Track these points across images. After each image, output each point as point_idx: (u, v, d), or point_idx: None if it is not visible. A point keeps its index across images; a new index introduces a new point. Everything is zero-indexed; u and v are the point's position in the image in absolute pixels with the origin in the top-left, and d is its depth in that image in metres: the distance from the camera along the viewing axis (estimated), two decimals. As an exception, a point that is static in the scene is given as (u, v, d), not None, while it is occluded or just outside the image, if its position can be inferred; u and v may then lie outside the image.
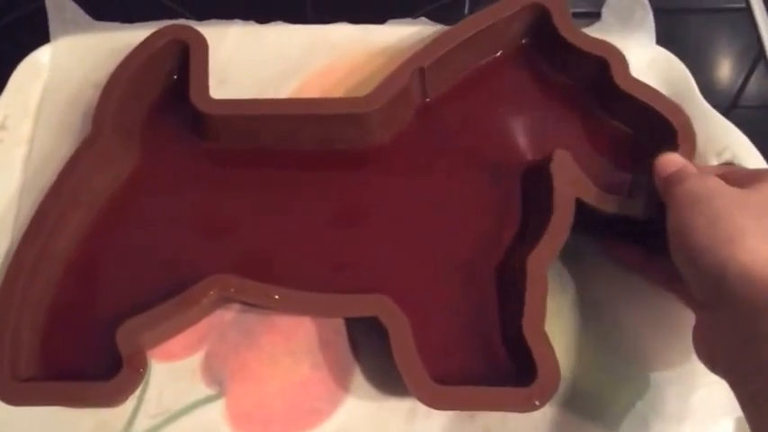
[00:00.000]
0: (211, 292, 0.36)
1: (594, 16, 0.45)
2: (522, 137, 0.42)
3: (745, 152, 0.41)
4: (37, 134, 0.43)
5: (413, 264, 0.39)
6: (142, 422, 0.37)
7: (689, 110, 0.40)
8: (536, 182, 0.39)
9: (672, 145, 0.38)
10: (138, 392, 0.37)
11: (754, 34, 0.49)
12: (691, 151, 0.39)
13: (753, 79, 0.48)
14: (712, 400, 0.37)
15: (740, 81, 0.48)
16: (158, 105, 0.42)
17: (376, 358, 0.38)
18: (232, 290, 0.37)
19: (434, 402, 0.35)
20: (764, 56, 0.48)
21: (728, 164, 0.41)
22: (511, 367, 0.36)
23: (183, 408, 0.38)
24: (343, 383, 0.38)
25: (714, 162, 0.41)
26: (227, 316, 0.39)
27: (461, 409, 0.36)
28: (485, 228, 0.40)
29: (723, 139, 0.41)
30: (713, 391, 0.38)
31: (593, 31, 0.43)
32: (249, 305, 0.39)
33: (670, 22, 0.48)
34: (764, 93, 0.48)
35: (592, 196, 0.37)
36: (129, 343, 0.36)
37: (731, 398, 0.36)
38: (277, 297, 0.37)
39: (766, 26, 0.49)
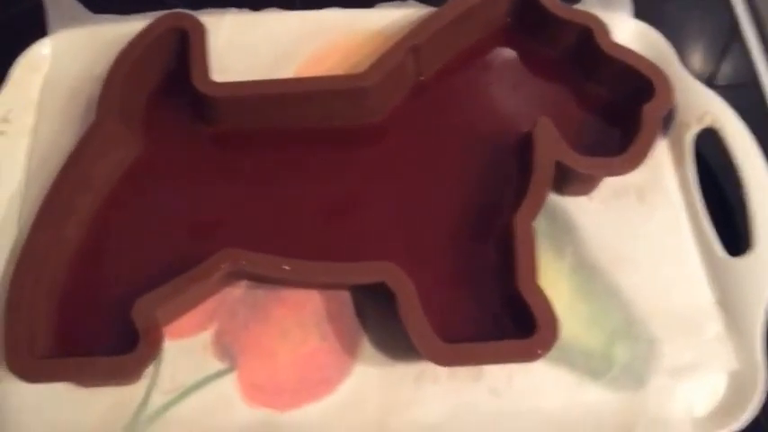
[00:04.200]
0: (223, 265, 0.37)
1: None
2: (513, 109, 0.43)
3: (725, 117, 0.43)
4: (40, 126, 0.44)
5: (414, 233, 0.40)
6: (157, 399, 0.38)
7: (669, 78, 0.42)
8: (526, 149, 0.40)
9: (652, 99, 0.40)
10: (151, 370, 0.38)
11: (727, 14, 0.51)
12: (668, 104, 0.41)
13: (727, 59, 0.50)
14: (708, 356, 0.39)
15: (715, 61, 0.49)
16: (159, 92, 0.43)
17: (382, 327, 0.39)
18: (243, 262, 0.38)
19: (442, 360, 0.36)
20: (740, 32, 0.50)
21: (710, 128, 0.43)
22: (513, 325, 0.38)
23: (197, 382, 0.38)
24: (351, 352, 0.39)
25: (696, 127, 0.43)
26: (235, 293, 0.40)
27: (469, 365, 0.37)
28: (483, 196, 0.41)
29: (703, 105, 0.43)
30: (709, 348, 0.39)
31: (576, 10, 0.44)
32: (257, 281, 0.40)
33: (647, 3, 0.49)
34: (739, 72, 0.49)
35: (569, 158, 0.39)
36: (145, 317, 0.36)
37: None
38: (287, 267, 0.38)
39: (742, 4, 0.51)
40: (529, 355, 0.36)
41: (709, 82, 0.48)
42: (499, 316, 0.38)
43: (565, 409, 0.38)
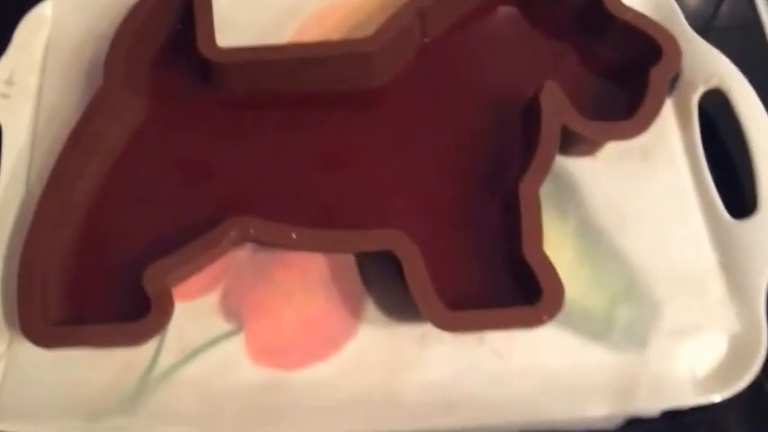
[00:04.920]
0: (232, 233, 0.38)
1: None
2: (518, 71, 0.43)
3: (732, 79, 0.42)
4: (44, 87, 0.44)
5: (419, 197, 0.40)
6: (165, 359, 0.38)
7: (677, 39, 0.41)
8: (531, 113, 0.40)
9: (659, 62, 0.40)
10: (159, 332, 0.39)
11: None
12: (676, 65, 0.41)
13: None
14: (711, 318, 0.39)
15: (714, 3, 0.49)
16: (165, 55, 0.43)
17: (386, 288, 0.39)
18: (251, 230, 0.38)
19: (449, 326, 0.36)
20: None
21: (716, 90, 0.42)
22: (518, 291, 0.38)
23: (204, 343, 0.39)
24: (355, 313, 0.39)
25: (702, 88, 0.42)
26: (241, 255, 0.40)
27: (474, 331, 0.38)
28: (488, 160, 0.41)
29: (710, 66, 0.42)
30: (712, 310, 0.39)
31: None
32: (263, 245, 0.40)
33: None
34: (738, 13, 0.49)
35: (577, 123, 0.39)
36: (156, 284, 0.37)
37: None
38: (294, 236, 0.38)
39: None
40: (534, 322, 0.36)
41: (709, 24, 0.48)
42: (504, 280, 0.38)
43: (566, 370, 0.38)
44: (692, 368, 0.38)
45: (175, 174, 0.41)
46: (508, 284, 0.38)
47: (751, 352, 0.38)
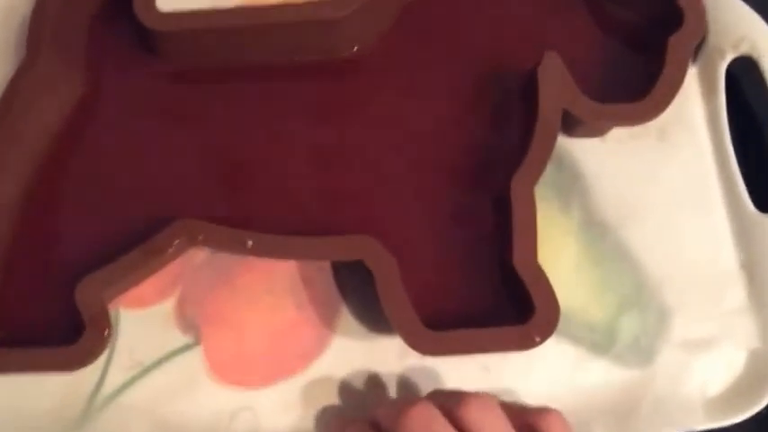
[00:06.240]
0: (177, 241, 0.34)
1: None
2: (519, 39, 0.38)
3: (766, 43, 0.37)
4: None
5: (399, 195, 0.36)
6: (116, 376, 0.36)
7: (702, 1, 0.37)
8: (530, 90, 0.35)
9: (680, 29, 0.36)
10: (107, 342, 0.35)
11: None
12: (698, 34, 0.36)
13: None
14: (727, 330, 0.36)
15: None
16: (100, 20, 0.39)
17: (363, 295, 0.36)
18: (200, 236, 0.34)
19: (428, 349, 0.33)
20: None
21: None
22: (508, 304, 0.34)
23: (159, 358, 0.36)
24: (329, 323, 0.36)
25: (730, 55, 0.38)
26: (199, 255, 0.37)
27: (457, 354, 0.34)
28: (480, 150, 0.36)
29: (740, 29, 0.38)
30: (728, 321, 0.36)
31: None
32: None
33: None
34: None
35: (580, 106, 0.35)
36: (91, 301, 0.33)
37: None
38: (251, 243, 0.34)
39: None
40: (524, 344, 0.33)
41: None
42: (493, 291, 0.35)
43: (563, 387, 0.36)
44: (703, 386, 0.35)
45: (116, 163, 0.37)
46: (497, 296, 0.35)
47: (771, 371, 0.35)
